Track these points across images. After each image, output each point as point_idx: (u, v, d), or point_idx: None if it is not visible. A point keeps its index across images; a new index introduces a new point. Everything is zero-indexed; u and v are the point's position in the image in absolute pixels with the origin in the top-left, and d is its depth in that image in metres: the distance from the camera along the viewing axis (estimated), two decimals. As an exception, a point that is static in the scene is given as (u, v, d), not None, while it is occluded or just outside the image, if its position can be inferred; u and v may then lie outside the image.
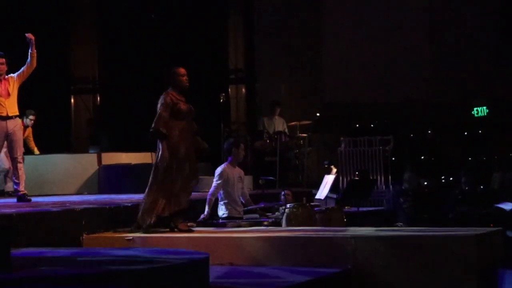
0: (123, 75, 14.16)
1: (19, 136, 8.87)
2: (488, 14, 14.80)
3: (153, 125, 7.40)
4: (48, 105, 13.69)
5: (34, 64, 8.72)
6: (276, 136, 12.89)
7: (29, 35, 8.65)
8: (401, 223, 9.96)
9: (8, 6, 10.32)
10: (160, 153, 7.43)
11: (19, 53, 8.88)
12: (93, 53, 15.08)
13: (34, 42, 8.66)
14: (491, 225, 8.86)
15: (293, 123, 13.53)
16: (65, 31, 14.70)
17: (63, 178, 11.96)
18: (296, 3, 15.36)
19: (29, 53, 8.70)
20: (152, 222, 7.38)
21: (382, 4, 15.27)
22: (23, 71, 8.74)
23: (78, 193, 11.73)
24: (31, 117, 11.78)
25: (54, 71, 14.01)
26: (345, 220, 8.95)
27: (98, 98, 15.31)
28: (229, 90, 15.33)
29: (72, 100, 15.40)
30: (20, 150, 8.89)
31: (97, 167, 12.07)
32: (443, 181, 13.05)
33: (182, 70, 7.67)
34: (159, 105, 7.49)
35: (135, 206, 8.41)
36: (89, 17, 14.93)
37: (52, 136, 13.52)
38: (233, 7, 15.55)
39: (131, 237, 7.34)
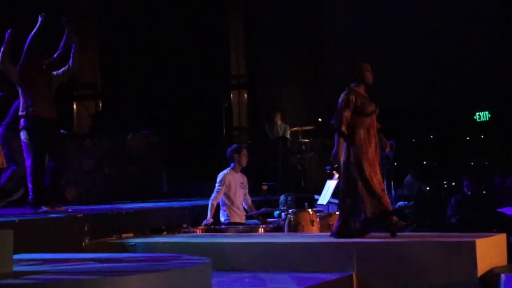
0: (125, 81, 14.17)
1: None
2: (490, 19, 14.82)
3: (332, 121, 7.05)
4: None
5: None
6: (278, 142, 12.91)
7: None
8: (412, 202, 9.96)
9: (8, 12, 10.34)
10: (344, 152, 7.02)
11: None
12: (95, 59, 15.10)
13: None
14: (494, 230, 8.85)
15: (295, 128, 13.55)
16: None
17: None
18: (297, 8, 15.37)
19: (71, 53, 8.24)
20: (357, 226, 7.00)
21: (383, 9, 15.29)
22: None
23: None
24: None
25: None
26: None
27: (100, 104, 15.33)
28: (231, 96, 15.34)
29: (75, 106, 15.42)
30: None
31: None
32: (445, 186, 13.04)
33: (368, 65, 7.31)
34: (339, 103, 7.11)
35: (137, 212, 8.43)
36: (90, 23, 14.95)
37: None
38: (234, 13, 15.58)
39: (133, 243, 7.35)
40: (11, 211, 8.36)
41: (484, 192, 10.93)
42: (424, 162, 14.10)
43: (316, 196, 10.54)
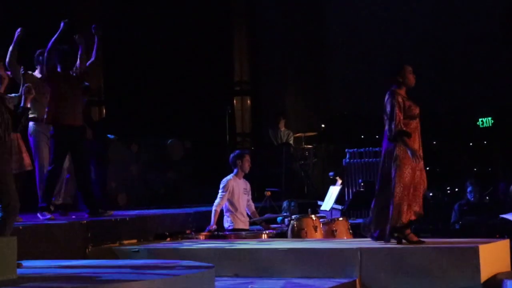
0: (128, 87, 14.18)
1: None
2: (494, 23, 14.82)
3: (392, 127, 6.83)
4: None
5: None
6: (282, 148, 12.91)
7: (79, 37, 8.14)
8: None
9: (12, 19, 10.36)
10: (396, 154, 6.85)
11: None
12: (99, 66, 15.11)
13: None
14: (498, 236, 8.84)
15: (298, 134, 13.56)
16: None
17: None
18: (300, 15, 15.40)
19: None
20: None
21: (386, 15, 15.30)
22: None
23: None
24: None
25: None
26: (350, 231, 8.94)
27: (104, 110, 15.34)
28: (235, 102, 15.36)
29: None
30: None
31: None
32: (448, 191, 13.02)
33: (411, 68, 7.09)
34: (389, 106, 6.92)
35: (140, 218, 8.43)
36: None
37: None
38: (238, 20, 15.60)
39: (137, 249, 7.36)
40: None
41: (487, 198, 10.91)
42: (427, 168, 14.06)
43: (319, 202, 10.54)
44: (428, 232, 9.81)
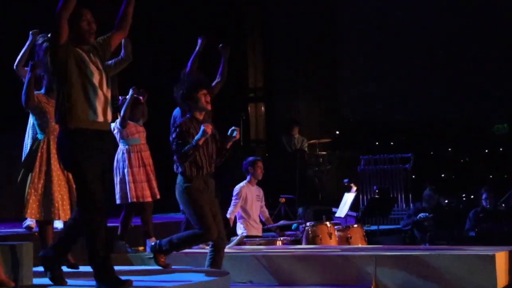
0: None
1: None
2: (508, 27, 14.75)
3: None
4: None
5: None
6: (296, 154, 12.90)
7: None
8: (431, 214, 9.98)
9: (21, 24, 10.39)
10: None
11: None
12: (116, 75, 15.15)
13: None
14: (513, 243, 8.77)
15: (312, 141, 13.54)
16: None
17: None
18: (313, 21, 15.39)
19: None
20: None
21: (399, 21, 15.27)
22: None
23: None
24: None
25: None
26: (365, 238, 8.91)
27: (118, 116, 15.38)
28: (249, 108, 15.36)
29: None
30: None
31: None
32: (464, 199, 12.96)
33: None
34: None
35: (155, 224, 8.42)
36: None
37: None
38: (251, 27, 15.62)
39: (151, 256, 7.35)
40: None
41: (503, 205, 10.85)
42: (442, 175, 14.02)
43: (334, 209, 10.52)
44: (443, 239, 9.77)
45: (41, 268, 5.16)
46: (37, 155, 6.11)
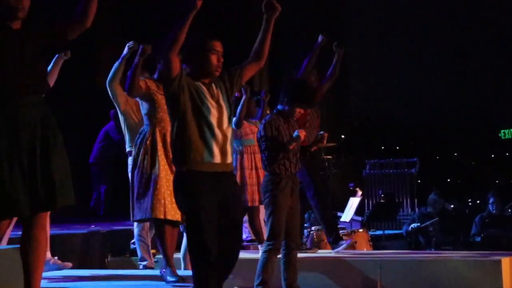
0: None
1: None
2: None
3: None
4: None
5: None
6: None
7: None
8: (435, 218, 9.91)
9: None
10: None
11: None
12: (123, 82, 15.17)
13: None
14: (520, 248, 8.74)
15: (318, 145, 13.50)
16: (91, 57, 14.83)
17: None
18: (320, 26, 15.35)
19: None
20: None
21: (407, 26, 15.26)
22: None
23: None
24: None
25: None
26: (370, 243, 8.88)
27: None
28: (254, 112, 15.34)
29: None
30: None
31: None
32: (470, 203, 12.92)
33: None
34: None
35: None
36: (113, 41, 15.04)
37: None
38: (257, 29, 15.59)
39: (156, 259, 7.33)
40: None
41: (509, 210, 10.81)
42: (448, 180, 13.99)
43: (339, 213, 10.49)
44: (449, 244, 9.74)
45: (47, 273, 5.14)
46: (140, 152, 5.47)
